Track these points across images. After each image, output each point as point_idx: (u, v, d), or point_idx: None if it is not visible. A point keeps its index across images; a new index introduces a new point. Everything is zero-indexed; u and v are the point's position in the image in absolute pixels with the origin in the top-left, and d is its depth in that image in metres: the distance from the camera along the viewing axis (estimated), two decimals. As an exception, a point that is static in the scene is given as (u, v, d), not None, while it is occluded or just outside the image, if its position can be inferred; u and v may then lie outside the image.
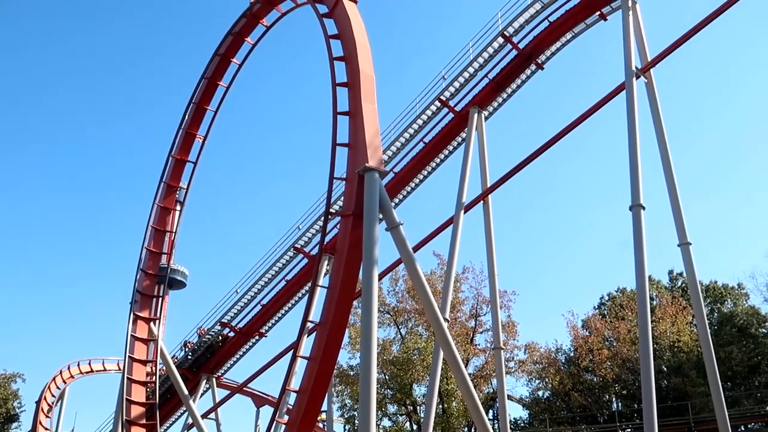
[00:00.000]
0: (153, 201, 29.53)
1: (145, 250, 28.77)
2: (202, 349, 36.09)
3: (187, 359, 36.86)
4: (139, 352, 26.80)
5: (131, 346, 26.61)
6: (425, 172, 30.15)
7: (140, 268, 28.47)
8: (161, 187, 29.65)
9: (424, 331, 43.98)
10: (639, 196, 20.94)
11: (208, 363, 36.95)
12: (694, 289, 23.51)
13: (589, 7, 26.21)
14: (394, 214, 17.98)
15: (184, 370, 36.52)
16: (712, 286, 46.97)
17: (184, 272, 49.72)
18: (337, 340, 17.41)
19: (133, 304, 27.59)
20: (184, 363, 36.92)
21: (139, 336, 26.99)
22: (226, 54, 28.64)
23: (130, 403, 25.30)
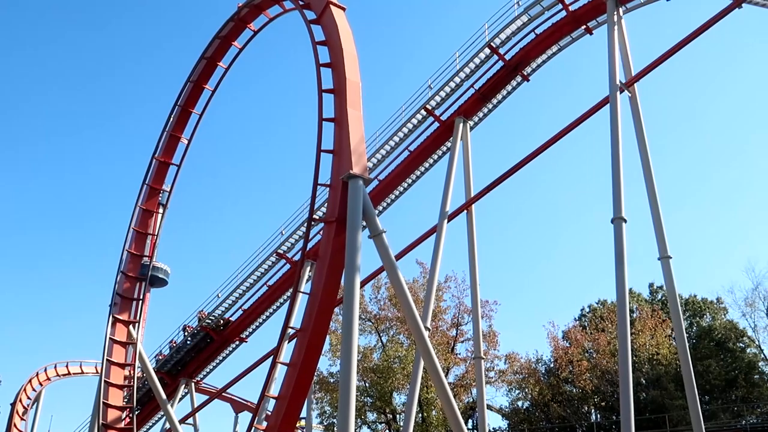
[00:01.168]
0: (135, 203, 29.35)
1: (126, 253, 28.57)
2: (200, 336, 35.35)
3: (169, 361, 36.55)
4: (118, 355, 26.57)
5: (109, 349, 26.38)
6: (410, 181, 30.22)
7: (121, 270, 28.27)
8: (144, 190, 29.46)
9: (405, 340, 43.96)
10: (621, 209, 21.13)
11: (187, 367, 36.71)
12: (673, 302, 23.69)
13: (575, 21, 26.43)
14: (377, 221, 18.01)
15: (163, 373, 36.25)
16: (691, 300, 47.40)
17: (166, 270, 49.29)
18: (317, 346, 17.38)
19: (113, 307, 27.36)
20: (164, 366, 36.65)
21: (117, 339, 26.76)
22: (213, 57, 28.57)
23: (106, 407, 25.06)
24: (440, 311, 44.61)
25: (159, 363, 36.80)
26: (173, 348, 36.64)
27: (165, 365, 36.73)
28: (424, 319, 23.62)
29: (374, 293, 45.73)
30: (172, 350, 36.63)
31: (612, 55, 23.65)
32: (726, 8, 22.64)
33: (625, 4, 25.26)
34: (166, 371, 36.66)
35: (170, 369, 36.79)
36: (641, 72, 24.31)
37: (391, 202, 30.77)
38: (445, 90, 27.84)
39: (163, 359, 36.98)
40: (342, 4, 21.23)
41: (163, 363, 36.80)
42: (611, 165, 21.94)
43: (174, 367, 36.72)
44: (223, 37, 28.02)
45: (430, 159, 29.69)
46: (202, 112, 29.44)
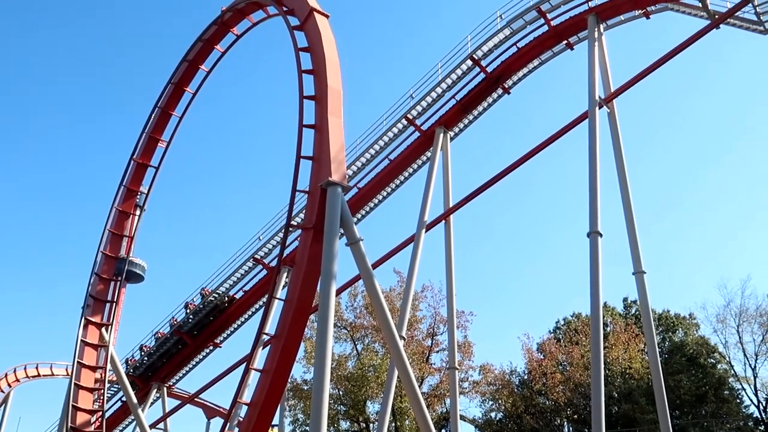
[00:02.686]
0: (111, 204, 29.09)
1: (101, 254, 28.28)
2: (173, 340, 34.76)
3: (141, 365, 36.15)
4: (89, 358, 26.24)
5: (81, 351, 26.06)
6: (389, 189, 30.27)
7: (95, 272, 27.96)
8: (121, 191, 29.22)
9: (380, 348, 43.89)
10: (597, 224, 21.31)
11: (159, 372, 36.35)
12: (646, 317, 23.93)
13: (557, 36, 26.70)
14: (355, 229, 18.03)
15: (135, 377, 35.87)
16: (664, 315, 47.81)
17: (143, 266, 48.69)
18: (291, 353, 17.33)
19: (85, 309, 27.06)
20: (137, 370, 36.27)
21: (89, 341, 26.45)
22: (195, 60, 28.48)
23: (76, 410, 24.72)
24: (416, 321, 44.60)
25: (131, 366, 36.39)
26: (145, 352, 36.22)
27: (137, 369, 36.32)
28: (399, 328, 23.62)
29: (351, 301, 45.68)
30: (143, 354, 36.20)
31: (592, 70, 23.92)
32: (704, 28, 23.00)
33: (606, 21, 25.61)
34: (137, 375, 36.26)
35: (142, 373, 36.39)
36: (620, 88, 24.60)
37: (370, 210, 30.78)
38: (427, 100, 27.98)
39: (134, 363, 36.55)
40: (326, 12, 21.29)
41: (135, 366, 36.40)
42: (588, 179, 22.14)
43: (146, 370, 36.31)
44: (205, 40, 27.95)
45: (409, 168, 29.77)
46: (182, 115, 29.32)
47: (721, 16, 22.76)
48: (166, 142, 29.41)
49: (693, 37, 23.03)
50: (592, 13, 25.09)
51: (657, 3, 24.58)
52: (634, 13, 25.51)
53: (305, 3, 21.46)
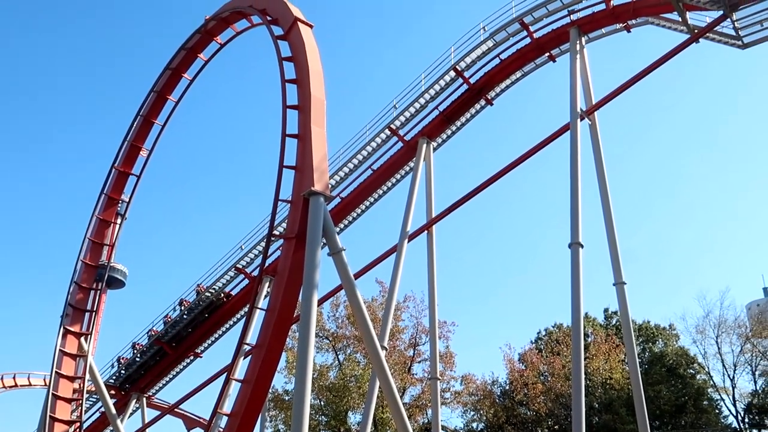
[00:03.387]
0: (92, 213, 28.81)
1: (81, 263, 27.98)
2: (153, 350, 34.29)
3: (120, 375, 35.73)
4: (67, 368, 25.90)
5: (59, 361, 25.70)
6: (372, 199, 30.27)
7: (74, 281, 27.65)
8: (102, 199, 28.93)
9: (362, 358, 43.75)
10: (578, 235, 21.45)
11: (138, 382, 35.98)
12: (627, 328, 24.07)
13: (539, 48, 26.92)
14: (337, 239, 18.03)
15: (114, 387, 35.48)
16: (644, 326, 48.13)
17: (124, 271, 48.19)
18: (272, 363, 17.25)
19: (64, 318, 26.73)
20: (117, 380, 35.88)
21: (68, 351, 26.11)
22: (178, 69, 28.33)
23: (53, 421, 24.35)
24: (398, 331, 44.52)
25: (110, 376, 35.99)
26: (123, 363, 35.81)
27: (116, 379, 35.92)
28: (381, 338, 23.59)
29: (333, 311, 45.52)
30: (120, 366, 35.78)
31: (574, 83, 24.14)
32: (684, 42, 23.30)
33: (588, 34, 25.86)
34: (117, 385, 35.86)
35: (122, 383, 35.99)
36: (601, 101, 24.81)
37: (353, 220, 30.76)
38: (410, 110, 28.07)
39: (114, 373, 36.14)
40: (309, 22, 21.34)
41: (114, 376, 36.00)
42: (570, 191, 22.30)
43: (125, 381, 35.91)
44: (188, 49, 27.83)
45: (392, 178, 29.79)
46: (164, 123, 29.11)
47: (700, 30, 23.08)
48: (148, 150, 29.18)
49: (673, 51, 23.32)
50: (574, 26, 25.35)
51: (637, 17, 24.88)
52: (615, 26, 25.78)
53: (289, 13, 21.50)
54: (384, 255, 28.31)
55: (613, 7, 24.83)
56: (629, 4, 24.61)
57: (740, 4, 21.61)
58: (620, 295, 23.71)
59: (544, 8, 25.40)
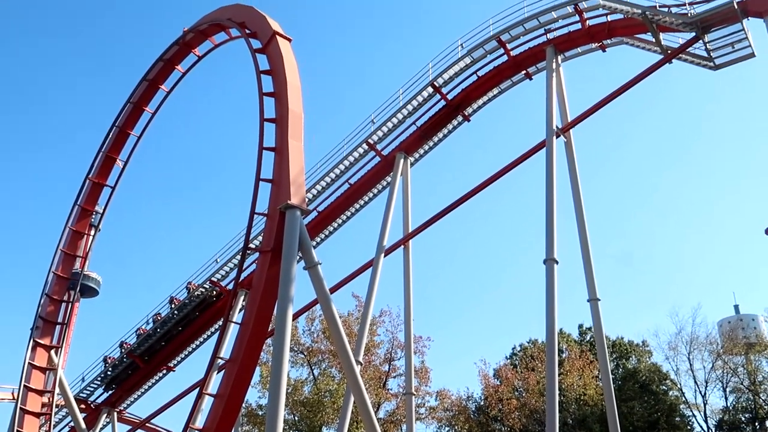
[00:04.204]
0: (65, 223, 28.47)
1: (53, 275, 27.60)
2: (125, 363, 33.70)
3: (92, 385, 35.13)
4: (36, 382, 25.45)
5: (28, 374, 25.26)
6: (348, 214, 30.27)
7: (45, 293, 27.26)
8: (75, 210, 28.61)
9: (337, 373, 43.51)
10: (553, 251, 21.62)
11: (110, 396, 35.44)
12: (600, 344, 24.27)
13: (516, 65, 27.22)
14: (313, 253, 17.99)
15: (84, 402, 34.89)
16: (618, 342, 48.46)
17: (98, 279, 47.42)
18: (246, 378, 17.10)
19: (34, 330, 26.31)
20: (89, 393, 35.29)
21: (37, 364, 25.68)
22: (155, 80, 28.20)
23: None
24: (374, 345, 44.36)
25: (80, 389, 35.39)
26: (95, 377, 35.20)
27: (91, 390, 35.34)
28: (356, 353, 23.51)
29: (308, 325, 45.23)
30: (92, 382, 35.15)
31: (549, 100, 24.44)
32: (657, 63, 23.74)
33: (564, 52, 26.25)
34: (87, 399, 35.28)
35: (96, 394, 35.38)
36: (576, 119, 25.16)
37: (329, 234, 30.71)
38: (388, 125, 28.18)
39: (84, 386, 35.53)
40: (288, 36, 21.38)
41: (84, 390, 35.41)
42: (545, 207, 22.51)
43: (113, 380, 35.03)
44: (166, 60, 27.74)
45: (369, 193, 29.83)
46: (140, 135, 28.91)
47: (673, 51, 23.51)
48: (123, 161, 28.96)
49: (646, 71, 23.75)
50: (551, 44, 25.70)
51: (612, 37, 25.30)
52: (590, 45, 26.17)
53: (268, 26, 21.54)
54: (360, 269, 28.29)
55: (589, 27, 25.24)
56: (604, 24, 25.04)
57: (712, 27, 22.09)
58: (594, 312, 23.93)
59: (521, 26, 25.73)
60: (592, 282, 23.98)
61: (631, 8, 22.95)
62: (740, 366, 43.25)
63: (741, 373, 42.87)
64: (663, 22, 22.65)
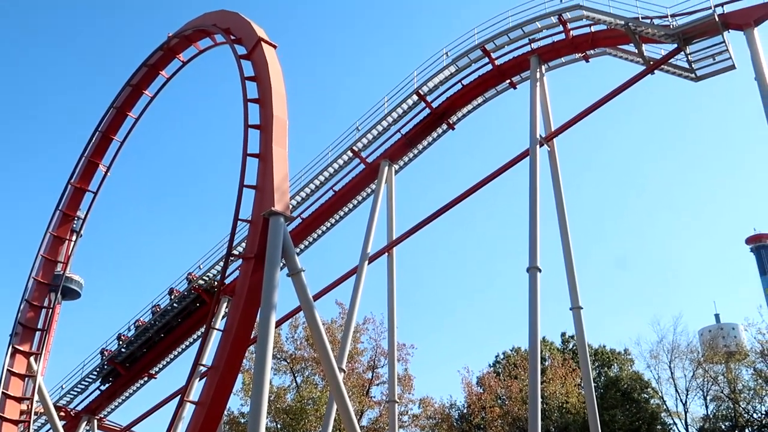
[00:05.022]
0: (46, 229, 28.20)
1: (33, 280, 27.29)
2: (106, 370, 33.20)
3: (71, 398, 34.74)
4: (15, 389, 25.08)
5: (6, 381, 24.91)
6: (333, 221, 30.25)
7: (25, 298, 26.95)
8: (56, 215, 28.31)
9: (320, 381, 43.36)
10: (536, 259, 21.72)
11: (90, 403, 35.07)
12: (582, 352, 24.38)
13: (501, 75, 27.38)
14: (297, 260, 17.97)
15: (63, 409, 34.49)
16: (600, 350, 48.65)
17: (80, 282, 46.86)
18: (228, 385, 17.01)
19: (13, 337, 25.99)
20: (70, 400, 34.89)
21: (16, 371, 25.33)
22: (139, 85, 28.03)
23: (-2, 443, 23.61)
24: (357, 353, 44.26)
25: (60, 397, 34.98)
26: (75, 385, 34.80)
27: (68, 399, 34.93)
28: (339, 360, 23.44)
29: (291, 332, 45.04)
30: (70, 391, 34.76)
31: (533, 110, 24.59)
32: (640, 73, 23.99)
33: (548, 62, 26.47)
34: (67, 406, 34.87)
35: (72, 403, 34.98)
36: (560, 128, 25.34)
37: (313, 241, 30.67)
38: (372, 133, 28.21)
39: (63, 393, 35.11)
40: (273, 42, 21.39)
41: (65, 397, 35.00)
42: (528, 215, 22.62)
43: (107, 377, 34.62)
44: (150, 66, 27.59)
45: (354, 200, 29.83)
46: (123, 140, 28.71)
47: (655, 62, 23.78)
48: (106, 166, 28.74)
49: (629, 81, 23.98)
50: (535, 54, 25.91)
51: (596, 47, 25.56)
52: (574, 55, 26.42)
53: (253, 32, 21.54)
54: (344, 276, 28.27)
55: (573, 37, 25.47)
56: (588, 35, 25.28)
57: (693, 39, 22.35)
58: (576, 320, 24.05)
59: (506, 36, 25.93)
60: (575, 290, 24.10)
61: (614, 19, 23.19)
62: (720, 374, 43.54)
63: (721, 382, 43.16)
64: (645, 34, 22.90)
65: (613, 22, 23.24)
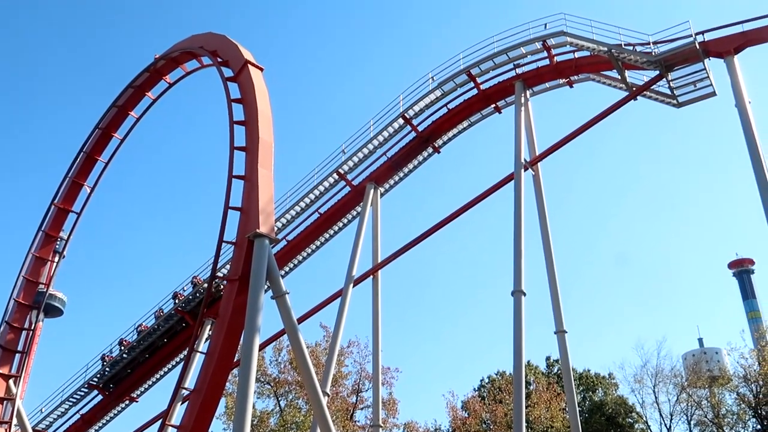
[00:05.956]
0: (28, 250, 27.93)
1: (13, 302, 26.96)
2: (87, 395, 32.69)
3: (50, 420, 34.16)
4: (-7, 412, 24.74)
5: (-17, 405, 24.55)
6: (318, 243, 30.18)
7: (5, 320, 26.61)
8: (39, 236, 28.08)
9: (304, 405, 42.96)
10: (521, 283, 21.76)
11: (69, 428, 34.47)
12: (567, 376, 24.38)
13: (486, 99, 27.62)
14: (281, 282, 17.89)
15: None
16: (585, 375, 48.65)
17: (63, 299, 46.23)
18: (210, 409, 16.85)
19: (-8, 359, 25.60)
20: (49, 424, 34.27)
21: (-6, 395, 24.97)
22: (125, 106, 28.02)
23: (-26, 468, 23.17)
24: (341, 376, 43.92)
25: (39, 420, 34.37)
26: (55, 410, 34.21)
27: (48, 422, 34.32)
28: (323, 384, 23.29)
29: (275, 355, 44.66)
30: (44, 414, 34.17)
31: (518, 134, 24.81)
32: (622, 99, 24.32)
33: (532, 87, 26.75)
34: (46, 429, 34.24)
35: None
36: (544, 152, 25.57)
37: (298, 264, 30.55)
38: (359, 155, 28.29)
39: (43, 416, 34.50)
40: (260, 65, 21.49)
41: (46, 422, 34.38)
42: (513, 239, 22.70)
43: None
44: (137, 87, 27.62)
45: (339, 223, 29.82)
46: (108, 160, 28.61)
47: (638, 88, 24.12)
48: (90, 187, 28.59)
49: (612, 107, 24.31)
50: (519, 79, 26.18)
51: (579, 73, 25.88)
52: (558, 81, 26.73)
53: (240, 55, 21.63)
54: (329, 299, 28.17)
55: (557, 63, 25.77)
56: (571, 61, 25.60)
57: (675, 66, 22.72)
58: (561, 344, 24.07)
59: (491, 61, 26.19)
60: (560, 314, 24.15)
61: (597, 46, 23.53)
62: (704, 399, 43.59)
63: (705, 406, 43.20)
64: (628, 60, 23.25)
65: (597, 48, 23.56)
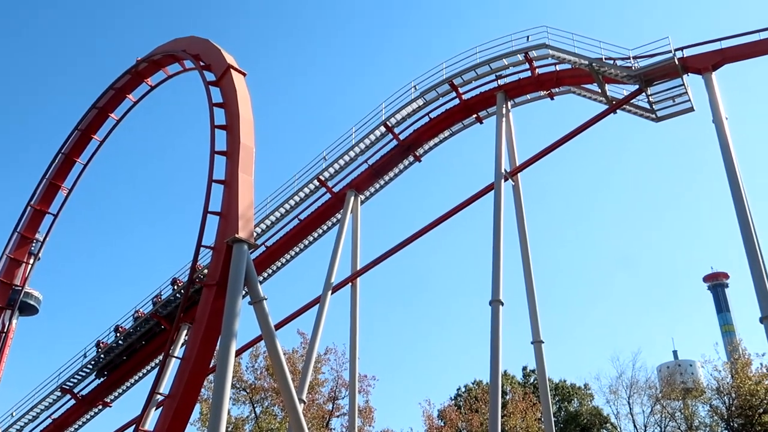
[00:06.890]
0: (2, 251, 27.58)
1: (-15, 303, 26.62)
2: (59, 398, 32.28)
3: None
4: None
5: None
6: (297, 249, 30.09)
7: (-23, 322, 26.28)
8: (14, 237, 27.76)
9: (279, 412, 42.70)
10: (499, 292, 21.84)
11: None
12: (543, 386, 24.49)
13: (468, 109, 27.75)
14: (259, 288, 17.85)
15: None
16: (561, 385, 48.88)
17: (38, 297, 45.59)
18: (185, 414, 16.72)
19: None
20: (20, 429, 33.79)
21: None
22: (105, 108, 27.84)
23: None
24: (318, 384, 43.71)
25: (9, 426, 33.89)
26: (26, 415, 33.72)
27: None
28: (300, 391, 23.18)
29: (252, 362, 44.34)
30: (15, 418, 33.70)
31: (499, 145, 24.96)
32: (602, 113, 24.56)
33: (514, 99, 26.94)
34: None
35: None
36: (524, 163, 25.73)
37: (277, 270, 30.44)
38: (339, 162, 28.30)
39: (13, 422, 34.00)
40: (243, 70, 21.45)
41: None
42: (492, 249, 22.79)
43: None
44: (117, 89, 27.48)
45: (319, 229, 29.79)
46: (87, 162, 28.39)
47: (617, 102, 24.38)
48: (68, 189, 28.32)
49: (591, 120, 24.53)
50: (501, 90, 26.36)
51: (560, 86, 26.11)
52: (539, 93, 26.94)
53: (222, 60, 21.60)
54: (307, 306, 28.07)
55: (538, 75, 25.99)
56: (553, 73, 25.83)
57: (654, 81, 23.00)
58: (538, 354, 24.18)
59: (473, 71, 26.34)
60: (536, 324, 24.26)
61: (578, 59, 23.77)
62: (678, 411, 43.98)
63: (678, 418, 43.57)
64: (608, 74, 23.51)
65: (578, 61, 23.80)
